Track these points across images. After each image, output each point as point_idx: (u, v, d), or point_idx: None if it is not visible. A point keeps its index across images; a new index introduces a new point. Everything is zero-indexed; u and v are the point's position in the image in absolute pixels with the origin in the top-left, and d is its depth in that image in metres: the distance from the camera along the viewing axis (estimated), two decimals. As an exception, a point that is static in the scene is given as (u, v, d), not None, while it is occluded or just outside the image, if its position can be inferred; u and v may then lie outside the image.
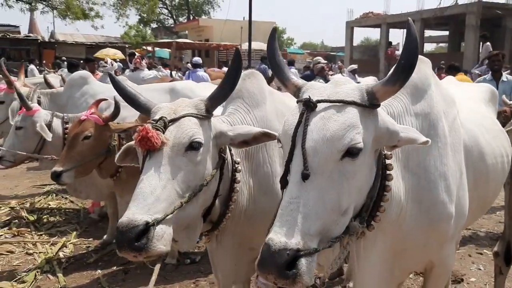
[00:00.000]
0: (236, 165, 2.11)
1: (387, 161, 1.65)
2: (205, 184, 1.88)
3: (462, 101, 2.39)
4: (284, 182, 1.49)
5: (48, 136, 3.76)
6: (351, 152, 1.41)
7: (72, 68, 8.29)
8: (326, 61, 8.53)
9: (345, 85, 1.55)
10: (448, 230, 1.92)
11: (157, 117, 1.87)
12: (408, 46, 1.47)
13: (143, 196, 1.67)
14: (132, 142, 2.08)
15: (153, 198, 1.68)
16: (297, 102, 1.56)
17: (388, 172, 1.64)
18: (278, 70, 1.71)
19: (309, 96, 1.48)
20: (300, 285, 1.33)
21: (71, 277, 3.85)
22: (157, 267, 2.95)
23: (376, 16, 29.06)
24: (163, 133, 1.79)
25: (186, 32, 36.63)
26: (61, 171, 3.32)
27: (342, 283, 3.66)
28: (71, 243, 4.51)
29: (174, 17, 48.76)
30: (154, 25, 48.85)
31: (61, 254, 4.25)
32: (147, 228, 1.61)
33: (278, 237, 1.34)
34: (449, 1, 24.11)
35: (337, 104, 1.46)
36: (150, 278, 3.84)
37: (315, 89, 1.55)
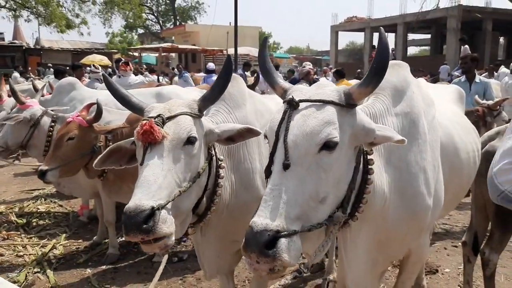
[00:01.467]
0: (220, 162, 2.27)
1: (369, 157, 1.81)
2: (198, 176, 2.05)
3: (437, 101, 2.56)
4: (268, 172, 1.65)
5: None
6: (328, 146, 1.56)
7: (59, 74, 8.36)
8: (311, 68, 8.74)
9: (326, 87, 1.72)
10: (426, 220, 2.10)
11: (153, 114, 2.03)
12: (379, 52, 1.66)
13: (147, 184, 1.82)
14: (117, 144, 2.25)
15: (156, 185, 1.83)
16: (283, 102, 1.73)
17: (369, 166, 1.80)
18: (268, 75, 1.89)
19: (292, 96, 1.65)
20: (279, 263, 1.46)
21: (62, 277, 3.95)
22: (164, 259, 3.12)
23: (360, 20, 29.55)
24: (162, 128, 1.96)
25: (173, 37, 36.70)
26: (46, 170, 3.48)
27: (323, 275, 3.83)
28: (61, 244, 4.61)
29: (161, 23, 48.79)
30: (140, 31, 48.83)
31: (51, 256, 4.35)
32: (153, 212, 1.77)
33: (260, 219, 1.48)
34: (430, 5, 24.60)
35: (317, 103, 1.63)
36: (139, 277, 4.00)
37: (299, 91, 1.72)
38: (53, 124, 4.31)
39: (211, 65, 12.24)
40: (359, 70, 18.53)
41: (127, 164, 2.27)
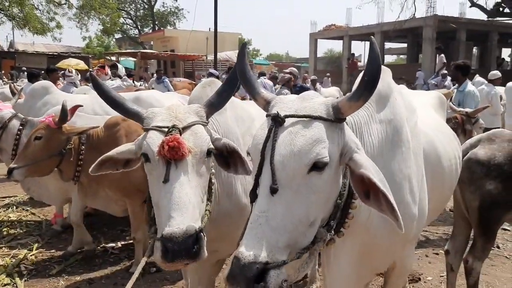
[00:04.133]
0: (212, 170, 2.15)
1: None
2: (210, 191, 1.99)
3: (419, 108, 2.51)
4: (253, 196, 1.52)
5: None
6: (318, 166, 1.44)
7: (32, 78, 8.08)
8: (291, 75, 8.63)
9: (312, 99, 1.59)
10: (411, 231, 2.02)
11: (162, 124, 1.88)
12: (371, 63, 1.51)
13: (184, 205, 1.72)
14: (107, 156, 2.05)
15: (191, 206, 1.75)
16: (266, 116, 1.59)
17: None
18: (249, 85, 1.74)
19: (277, 112, 1.52)
20: None
21: (33, 288, 3.78)
22: (140, 265, 2.97)
23: (338, 28, 29.82)
24: None
25: (152, 42, 36.38)
26: (13, 168, 3.46)
27: (305, 285, 3.76)
28: (32, 255, 4.40)
29: (139, 28, 48.33)
30: (118, 35, 48.22)
31: (22, 267, 4.15)
32: (198, 235, 1.70)
33: (247, 250, 1.37)
34: (407, 14, 25.09)
35: (304, 119, 1.50)
36: (115, 288, 3.84)
37: (283, 103, 1.59)
38: (21, 128, 4.20)
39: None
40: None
41: (124, 168, 2.11)
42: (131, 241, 4.42)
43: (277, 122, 1.50)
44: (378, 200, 1.51)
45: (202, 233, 1.74)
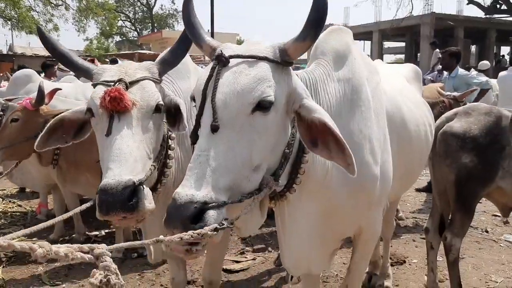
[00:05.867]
0: (170, 132, 2.11)
1: None
2: (163, 149, 1.93)
3: (386, 74, 2.49)
4: (194, 137, 1.47)
5: None
6: (262, 106, 1.41)
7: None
8: None
9: (260, 44, 1.57)
10: (374, 192, 1.97)
11: (110, 78, 1.84)
12: (315, 3, 1.47)
13: (124, 157, 1.68)
14: (59, 117, 2.02)
15: (132, 159, 1.70)
16: (211, 59, 1.53)
17: None
18: (193, 31, 1.68)
19: (221, 51, 1.48)
20: (206, 240, 1.29)
21: (11, 274, 3.73)
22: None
23: (336, 27, 29.77)
24: None
25: (150, 44, 36.40)
26: None
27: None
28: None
29: (138, 30, 48.44)
30: (118, 38, 48.35)
31: (2, 254, 4.11)
32: (137, 188, 1.64)
33: (184, 190, 1.31)
34: (404, 12, 25.10)
35: (249, 59, 1.46)
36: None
37: (229, 48, 1.55)
38: (1, 113, 4.14)
39: None
40: None
41: (73, 139, 2.06)
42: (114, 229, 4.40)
43: (220, 61, 1.46)
44: (327, 147, 1.47)
45: (142, 186, 1.67)
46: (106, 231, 4.72)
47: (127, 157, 1.68)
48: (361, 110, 1.91)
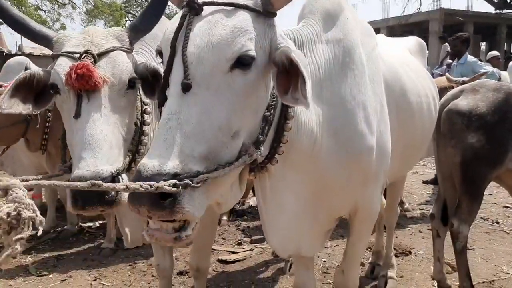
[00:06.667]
0: (145, 106, 1.93)
1: None
2: (140, 128, 1.76)
3: (386, 43, 2.34)
4: (162, 98, 1.28)
5: None
6: (242, 62, 1.22)
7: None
8: None
9: None
10: (370, 165, 1.77)
11: (74, 49, 1.63)
12: None
13: (98, 144, 1.50)
14: (30, 72, 1.73)
15: (106, 145, 1.53)
16: (181, 7, 1.31)
17: None
18: None
19: None
20: (180, 216, 1.11)
21: (-3, 265, 3.60)
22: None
23: (344, 25, 29.55)
24: None
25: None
26: None
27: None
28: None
29: (145, 30, 48.67)
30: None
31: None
32: (115, 179, 1.49)
33: (151, 160, 1.12)
34: (413, 8, 24.81)
35: (227, 7, 1.26)
36: (84, 264, 3.66)
37: None
38: None
39: None
40: None
41: (35, 107, 1.79)
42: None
43: (192, 8, 1.25)
44: (296, 89, 1.27)
45: (120, 176, 1.51)
46: (100, 222, 4.58)
47: (101, 144, 1.51)
48: (353, 74, 1.71)
